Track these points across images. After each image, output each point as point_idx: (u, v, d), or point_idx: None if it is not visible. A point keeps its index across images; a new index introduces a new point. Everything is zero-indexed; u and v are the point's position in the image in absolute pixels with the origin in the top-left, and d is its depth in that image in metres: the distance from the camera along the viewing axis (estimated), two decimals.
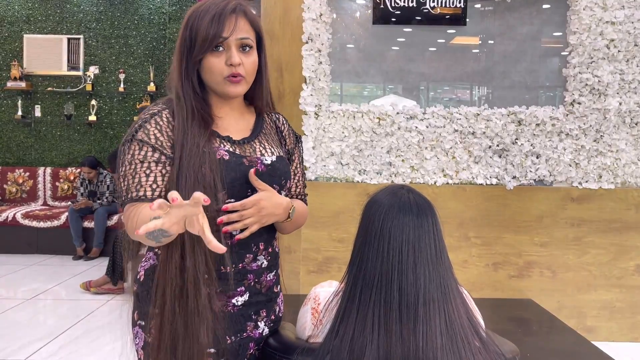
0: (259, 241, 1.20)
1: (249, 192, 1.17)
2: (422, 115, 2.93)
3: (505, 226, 2.94)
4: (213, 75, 1.17)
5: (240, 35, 1.17)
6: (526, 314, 2.27)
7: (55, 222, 5.46)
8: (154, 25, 6.27)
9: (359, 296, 0.98)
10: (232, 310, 1.19)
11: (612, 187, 2.91)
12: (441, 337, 0.97)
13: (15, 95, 6.17)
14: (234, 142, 1.21)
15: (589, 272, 2.94)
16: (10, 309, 3.70)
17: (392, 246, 0.97)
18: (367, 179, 2.95)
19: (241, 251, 1.18)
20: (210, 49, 1.16)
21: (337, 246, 2.94)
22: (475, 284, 2.92)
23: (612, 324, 2.94)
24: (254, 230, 1.17)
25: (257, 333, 1.23)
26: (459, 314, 1.00)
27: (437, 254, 1.00)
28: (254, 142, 1.24)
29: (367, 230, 1.01)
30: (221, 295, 1.16)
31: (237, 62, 1.16)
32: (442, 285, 0.99)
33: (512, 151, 2.91)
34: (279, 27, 2.98)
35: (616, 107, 2.87)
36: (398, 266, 0.97)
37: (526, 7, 3.06)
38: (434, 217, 1.02)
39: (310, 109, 2.92)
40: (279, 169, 1.23)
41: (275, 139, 1.32)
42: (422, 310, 0.96)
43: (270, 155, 1.24)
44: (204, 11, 1.17)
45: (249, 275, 1.20)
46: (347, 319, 0.98)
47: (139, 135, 1.15)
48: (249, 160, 1.18)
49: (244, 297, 1.20)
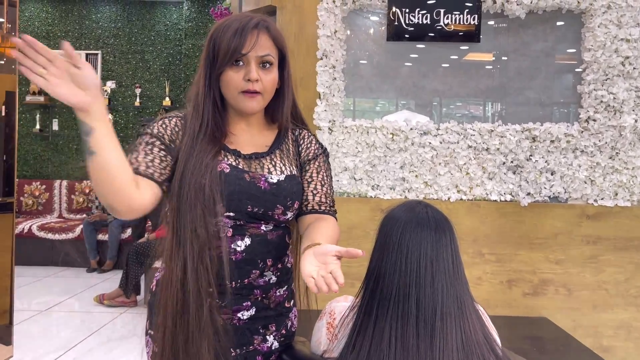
0: (266, 257, 1.19)
1: (249, 208, 1.16)
2: (436, 131, 2.94)
3: (520, 243, 2.91)
4: (230, 90, 1.19)
5: (261, 52, 1.18)
6: (541, 333, 2.24)
7: (70, 234, 5.52)
8: (170, 41, 6.38)
9: (376, 310, 0.99)
10: (238, 323, 1.18)
11: (628, 204, 2.88)
12: (457, 353, 0.97)
13: (33, 109, 6.29)
14: (240, 156, 1.20)
15: (606, 291, 2.90)
16: (24, 321, 3.73)
17: (410, 261, 0.98)
18: (381, 194, 2.95)
19: (247, 267, 1.17)
20: (230, 63, 1.17)
21: (350, 262, 2.91)
22: (489, 301, 2.89)
23: (629, 343, 2.89)
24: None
25: (266, 347, 1.22)
26: (474, 329, 1.00)
27: (455, 270, 1.00)
28: (264, 158, 1.23)
29: (385, 245, 1.01)
30: (225, 309, 1.16)
31: (255, 77, 1.16)
32: (458, 300, 0.99)
33: (526, 167, 2.90)
34: (294, 43, 3.01)
35: (632, 124, 2.85)
36: (416, 280, 0.97)
37: (540, 24, 3.07)
38: (451, 233, 1.02)
39: (324, 125, 2.94)
40: (285, 189, 1.20)
41: (294, 156, 1.29)
42: (439, 325, 0.96)
43: (278, 174, 1.22)
44: (227, 25, 1.19)
45: (256, 290, 1.19)
46: (363, 333, 0.98)
47: (143, 130, 1.21)
48: (251, 176, 1.17)
49: (250, 312, 1.20)
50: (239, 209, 1.15)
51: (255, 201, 1.17)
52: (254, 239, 1.17)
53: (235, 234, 1.16)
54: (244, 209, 1.16)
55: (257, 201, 1.17)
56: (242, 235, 1.16)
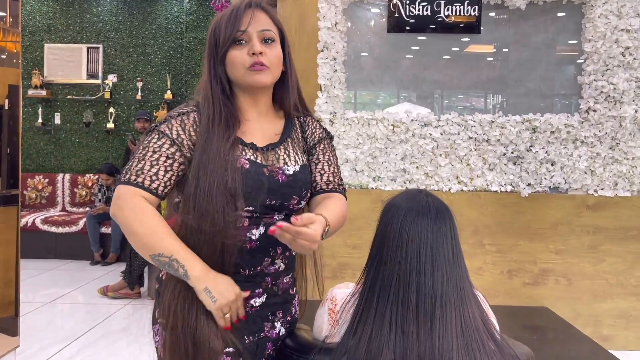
0: (277, 246, 1.22)
1: (268, 201, 1.19)
2: (437, 122, 2.95)
3: (520, 233, 2.93)
4: (236, 68, 1.19)
5: (260, 27, 1.19)
6: (542, 322, 2.26)
7: (74, 227, 5.55)
8: (171, 35, 6.38)
9: (377, 297, 1.01)
10: (251, 311, 1.22)
11: (628, 194, 2.89)
12: (457, 339, 0.99)
13: (36, 103, 6.30)
14: (257, 149, 1.22)
15: (605, 281, 2.92)
16: (29, 313, 3.77)
17: (411, 248, 0.99)
18: (382, 186, 2.97)
19: (259, 255, 1.20)
20: (232, 43, 1.18)
21: (352, 252, 2.96)
22: (490, 291, 2.91)
23: (628, 332, 2.91)
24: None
25: (274, 333, 1.26)
26: (474, 316, 1.02)
27: (454, 257, 1.02)
28: (279, 148, 1.25)
29: (386, 232, 1.03)
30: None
31: (258, 50, 1.17)
32: (458, 287, 1.01)
33: (526, 158, 2.92)
34: (295, 36, 3.02)
35: (632, 114, 2.86)
36: (416, 268, 0.99)
37: (541, 15, 3.07)
38: (451, 221, 1.04)
39: (325, 116, 2.95)
40: (300, 180, 1.23)
41: (302, 144, 1.31)
42: (438, 312, 0.98)
43: (293, 164, 1.24)
44: (224, 14, 1.21)
45: (267, 278, 1.23)
46: (364, 319, 1.01)
47: (161, 127, 1.18)
48: (269, 170, 1.19)
49: (262, 299, 1.23)
50: (259, 203, 1.18)
51: (273, 194, 1.19)
52: (268, 228, 1.18)
53: (251, 223, 1.18)
54: (263, 203, 1.19)
55: (275, 194, 1.19)
56: (257, 225, 1.19)
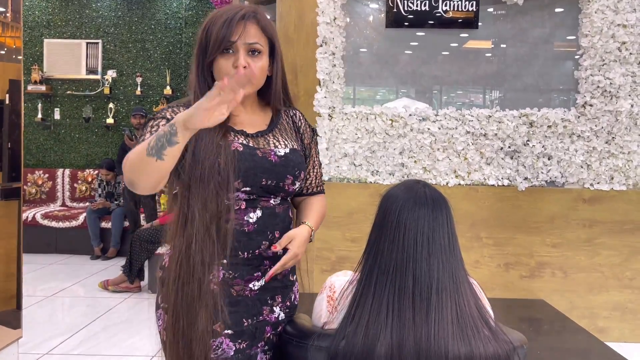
0: (274, 229, 1.27)
1: (263, 181, 1.25)
2: (435, 117, 2.98)
3: (517, 227, 2.97)
4: (220, 76, 1.25)
5: (249, 40, 1.25)
6: (538, 314, 2.29)
7: (74, 222, 5.58)
8: (170, 30, 6.39)
9: (375, 284, 1.04)
10: (250, 294, 1.25)
11: (623, 188, 2.92)
12: (452, 326, 1.02)
13: (35, 99, 6.31)
14: (247, 135, 1.29)
15: (601, 273, 2.95)
16: (30, 306, 3.80)
17: (408, 237, 1.03)
18: (380, 180, 2.99)
19: (257, 238, 1.25)
20: (220, 51, 1.25)
21: (350, 246, 2.98)
22: (487, 284, 2.94)
23: (623, 324, 2.95)
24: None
25: (273, 317, 1.30)
26: (469, 303, 1.05)
27: (450, 246, 1.05)
28: (268, 135, 1.32)
29: (384, 221, 1.06)
30: (238, 280, 1.23)
31: (242, 64, 1.23)
32: (453, 275, 1.04)
33: (523, 153, 2.94)
34: (294, 31, 3.04)
35: (628, 109, 2.89)
36: (413, 256, 1.02)
37: (538, 10, 3.09)
38: (448, 211, 1.07)
39: (324, 111, 2.97)
40: (292, 160, 1.30)
41: (291, 133, 1.38)
42: (434, 299, 1.01)
43: (283, 147, 1.31)
44: (218, 17, 1.27)
45: (265, 261, 1.27)
46: (362, 306, 1.04)
47: (155, 115, 1.26)
48: (262, 151, 1.26)
49: (260, 282, 1.27)
50: (255, 183, 1.24)
51: (269, 174, 1.25)
52: (265, 212, 1.26)
53: (248, 206, 1.24)
54: (259, 183, 1.24)
55: (270, 174, 1.25)
56: (254, 208, 1.24)
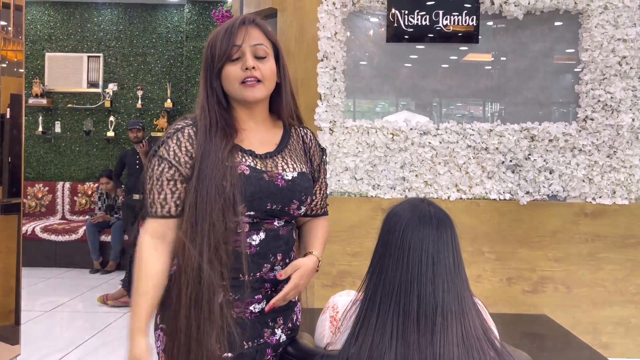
0: (276, 252, 1.25)
1: (268, 206, 1.22)
2: (435, 131, 2.97)
3: (519, 241, 2.95)
4: (231, 83, 1.24)
5: (253, 42, 1.24)
6: (541, 330, 2.27)
7: (73, 235, 5.56)
8: (171, 44, 6.42)
9: (379, 305, 1.02)
10: (250, 317, 1.23)
11: (626, 202, 2.91)
12: (457, 348, 1.00)
13: (36, 112, 6.33)
14: (256, 156, 1.26)
15: (604, 288, 2.93)
16: (29, 321, 3.77)
17: (412, 257, 1.01)
18: (381, 194, 2.98)
19: (259, 261, 1.22)
20: (227, 59, 1.24)
21: (351, 260, 2.97)
22: (489, 299, 2.92)
23: (627, 340, 2.92)
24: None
25: (274, 340, 1.28)
26: (474, 325, 1.03)
27: (455, 267, 1.03)
28: (277, 157, 1.29)
29: (388, 241, 1.04)
30: (238, 302, 1.21)
31: (251, 64, 1.22)
32: (459, 297, 1.02)
33: (525, 167, 2.94)
34: (295, 45, 3.05)
35: (629, 123, 2.89)
36: (417, 277, 1.00)
37: (538, 24, 3.10)
38: (452, 231, 1.05)
39: (325, 125, 2.97)
40: (299, 185, 1.27)
41: (301, 154, 1.36)
42: (439, 321, 0.99)
43: (291, 170, 1.28)
44: (220, 30, 1.26)
45: (266, 284, 1.25)
46: (366, 327, 1.02)
47: (160, 151, 1.22)
48: (269, 175, 1.23)
49: (262, 305, 1.25)
50: (259, 208, 1.22)
51: (274, 198, 1.23)
52: (268, 234, 1.24)
53: (252, 229, 1.22)
54: (264, 207, 1.22)
55: (276, 198, 1.23)
56: (257, 230, 1.22)
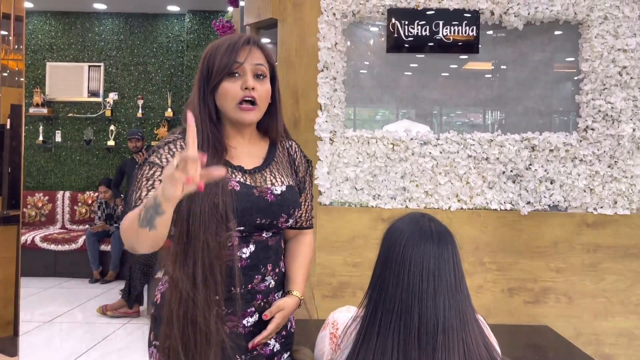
0: (266, 263, 1.26)
1: (258, 220, 1.23)
2: (436, 141, 2.97)
3: (521, 251, 2.93)
4: (227, 101, 1.24)
5: (255, 61, 1.24)
6: (543, 341, 2.25)
7: (73, 245, 5.54)
8: (172, 53, 6.43)
9: (379, 321, 1.01)
10: (243, 331, 1.23)
11: (627, 212, 2.90)
12: None
13: (37, 121, 6.34)
14: (245, 171, 1.27)
15: (606, 299, 2.91)
16: (28, 332, 3.75)
17: (413, 274, 1.00)
18: (382, 204, 2.97)
19: (250, 273, 1.23)
20: (227, 75, 1.23)
21: (352, 271, 2.95)
22: (490, 309, 2.91)
23: (630, 351, 2.90)
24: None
25: (268, 350, 1.28)
26: (476, 342, 1.02)
27: (457, 283, 1.02)
28: (265, 171, 1.30)
29: (388, 256, 1.03)
30: (231, 316, 1.21)
31: (252, 85, 1.22)
32: (460, 313, 1.01)
33: (526, 177, 2.93)
34: (295, 56, 3.06)
35: (630, 133, 2.88)
36: (418, 294, 0.99)
37: (538, 34, 3.10)
38: (453, 246, 1.04)
39: (325, 135, 2.97)
40: (288, 199, 1.29)
41: (287, 167, 1.37)
42: (441, 339, 0.98)
43: (280, 185, 1.29)
44: (220, 45, 1.26)
45: (258, 295, 1.25)
46: (367, 345, 1.01)
47: (151, 158, 1.22)
48: (259, 190, 1.25)
49: (254, 318, 1.25)
50: (249, 223, 1.23)
51: (264, 213, 1.24)
52: (258, 245, 1.25)
53: (241, 242, 1.22)
54: (254, 222, 1.23)
55: (265, 213, 1.24)
56: (247, 243, 1.23)
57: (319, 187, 2.95)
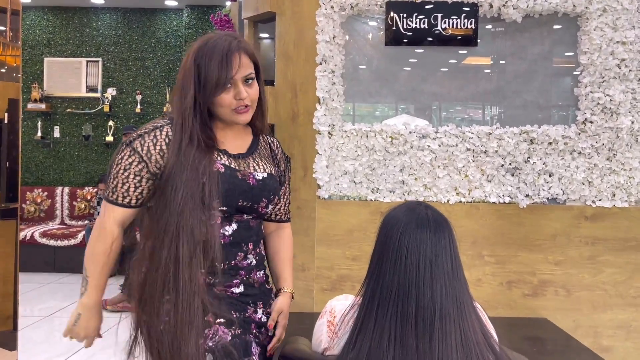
0: (248, 241, 1.38)
1: (240, 202, 1.33)
2: (435, 134, 2.97)
3: (519, 244, 2.94)
4: (223, 109, 1.35)
5: (245, 72, 1.35)
6: (541, 333, 2.26)
7: (72, 240, 5.54)
8: (170, 48, 6.42)
9: (377, 309, 1.01)
10: (232, 295, 1.34)
11: (626, 205, 2.90)
12: (456, 353, 0.99)
13: (35, 117, 6.33)
14: (230, 155, 1.38)
15: (605, 291, 2.92)
16: (28, 327, 3.75)
17: (410, 261, 1.00)
18: (380, 197, 2.97)
19: (233, 250, 1.34)
20: (222, 90, 1.33)
21: (351, 264, 2.95)
22: (489, 302, 2.91)
23: (628, 343, 2.91)
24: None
25: (257, 317, 1.39)
26: (474, 329, 1.02)
27: (454, 270, 1.03)
28: (248, 158, 1.42)
29: (385, 244, 1.04)
30: (219, 285, 1.32)
31: (245, 96, 1.34)
32: (457, 300, 1.01)
33: (524, 170, 2.93)
34: (293, 49, 3.05)
35: (628, 125, 2.88)
36: (415, 281, 1.00)
37: (537, 27, 3.10)
38: (450, 234, 1.05)
39: (324, 129, 2.97)
40: (269, 185, 1.41)
41: (269, 159, 1.50)
42: (438, 325, 0.98)
43: (262, 171, 1.41)
44: (210, 52, 1.31)
45: (241, 271, 1.36)
46: (364, 331, 1.01)
47: (134, 144, 1.30)
48: (242, 174, 1.36)
49: (240, 289, 1.36)
50: (232, 204, 1.32)
51: (245, 196, 1.35)
52: (240, 225, 1.36)
53: (224, 221, 1.32)
54: (235, 204, 1.33)
55: (247, 196, 1.35)
56: (230, 222, 1.33)
57: (317, 181, 2.95)
